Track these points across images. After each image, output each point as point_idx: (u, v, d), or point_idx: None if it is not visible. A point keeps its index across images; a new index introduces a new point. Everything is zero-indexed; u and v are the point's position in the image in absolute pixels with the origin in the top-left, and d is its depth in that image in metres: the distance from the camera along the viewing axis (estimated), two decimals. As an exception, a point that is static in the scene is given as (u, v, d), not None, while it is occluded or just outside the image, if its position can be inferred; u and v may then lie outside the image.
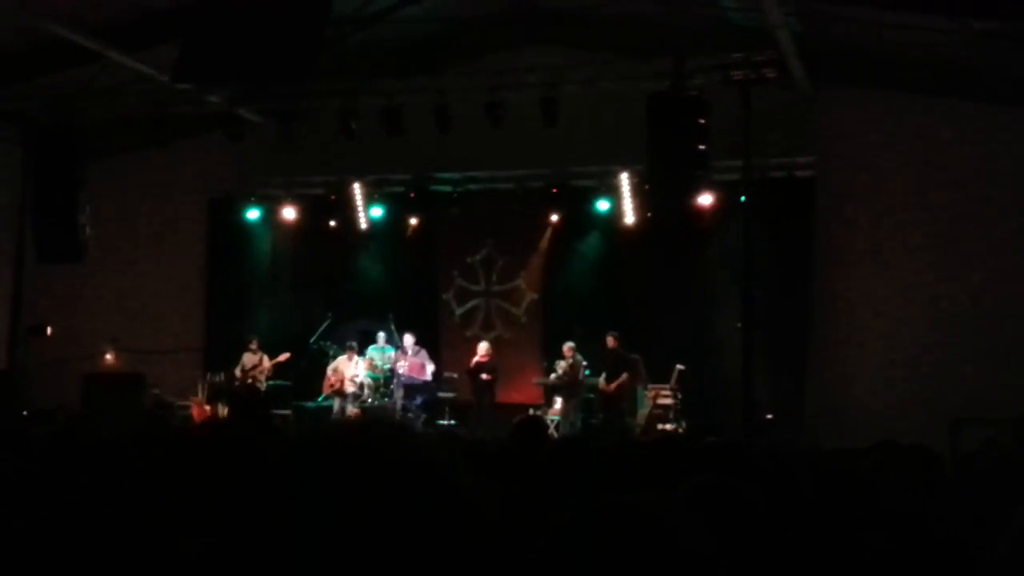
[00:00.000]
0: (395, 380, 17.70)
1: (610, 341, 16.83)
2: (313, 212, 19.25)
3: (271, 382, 18.10)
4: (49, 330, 18.20)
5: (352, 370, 17.86)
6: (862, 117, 16.62)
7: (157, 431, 5.31)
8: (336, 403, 17.68)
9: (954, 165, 16.21)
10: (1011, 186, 15.95)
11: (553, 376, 17.17)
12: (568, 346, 17.04)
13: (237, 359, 18.03)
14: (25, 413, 14.06)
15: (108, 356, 17.96)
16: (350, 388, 17.73)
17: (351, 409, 17.54)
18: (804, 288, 16.71)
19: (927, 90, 16.11)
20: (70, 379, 16.84)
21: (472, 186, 18.72)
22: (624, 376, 16.60)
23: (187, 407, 17.39)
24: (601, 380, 16.76)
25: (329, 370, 17.98)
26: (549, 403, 17.39)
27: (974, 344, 15.66)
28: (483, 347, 17.88)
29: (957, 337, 15.81)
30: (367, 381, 17.85)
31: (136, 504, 2.67)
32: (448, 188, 18.79)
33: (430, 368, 18.10)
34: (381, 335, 18.39)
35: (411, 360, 18.00)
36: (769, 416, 14.68)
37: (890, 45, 14.92)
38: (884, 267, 16.52)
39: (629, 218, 17.57)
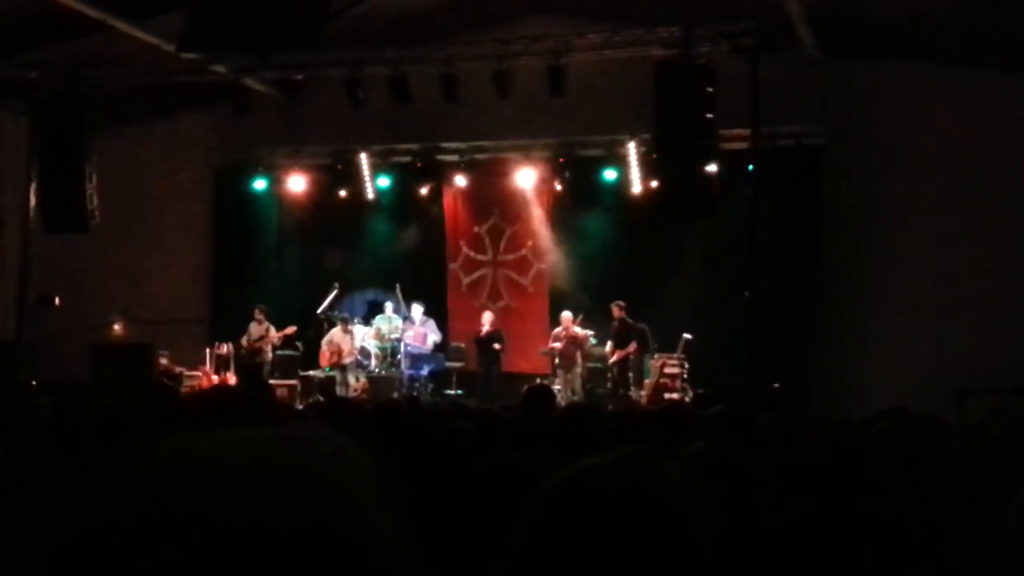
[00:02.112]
0: (401, 350, 17.71)
1: (615, 310, 16.82)
2: (320, 182, 19.24)
3: (278, 352, 18.12)
4: (57, 301, 18.23)
5: (349, 343, 17.79)
6: (872, 85, 16.50)
7: (164, 400, 5.33)
8: (337, 374, 17.67)
9: (962, 132, 16.11)
10: (1018, 154, 15.86)
11: (552, 345, 17.19)
12: (566, 315, 17.04)
13: (244, 329, 18.05)
14: (33, 383, 14.08)
15: (116, 326, 17.99)
16: (348, 359, 17.66)
17: (355, 379, 17.53)
18: (811, 257, 16.66)
19: (936, 58, 16.00)
20: (78, 350, 16.89)
21: (479, 155, 18.68)
22: (633, 345, 16.61)
23: (195, 377, 17.43)
24: (607, 347, 16.77)
25: (324, 342, 17.91)
26: (556, 372, 17.41)
27: (982, 313, 15.61)
28: (487, 317, 17.88)
29: (965, 306, 15.77)
30: (374, 351, 17.85)
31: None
32: (455, 158, 18.75)
33: (433, 338, 18.09)
34: (388, 305, 18.41)
35: (417, 329, 18.02)
36: (776, 385, 14.65)
37: (900, 12, 14.81)
38: (891, 236, 16.46)
39: (636, 187, 17.51)
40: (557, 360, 17.05)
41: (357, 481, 1.02)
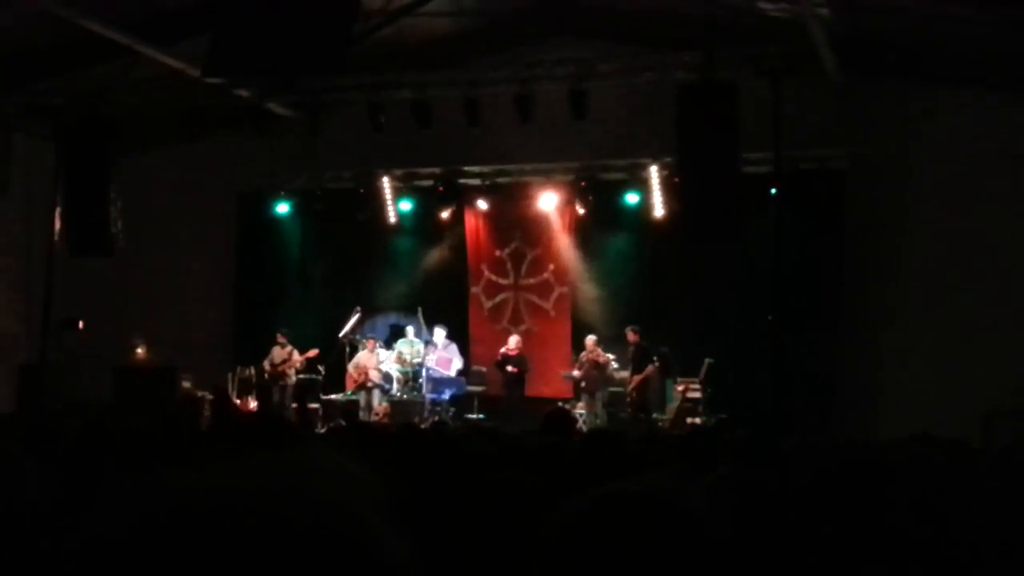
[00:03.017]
0: (423, 374, 17.71)
1: (630, 336, 16.82)
2: (342, 206, 19.30)
3: (301, 376, 18.17)
4: (81, 324, 18.32)
5: (374, 361, 17.87)
6: (895, 108, 16.46)
7: (186, 423, 5.35)
8: (362, 397, 17.70)
9: (986, 155, 16.03)
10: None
11: (574, 371, 17.18)
12: (590, 339, 17.04)
13: (266, 353, 18.10)
14: (58, 406, 14.16)
15: (139, 350, 18.06)
16: (375, 378, 17.73)
17: (378, 404, 17.57)
18: (835, 280, 16.60)
19: (960, 81, 15.96)
20: (102, 373, 16.95)
21: (501, 179, 18.72)
22: (649, 369, 16.56)
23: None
24: (627, 374, 16.77)
25: (350, 366, 17.98)
26: (578, 397, 17.39)
27: (1007, 336, 15.50)
28: (513, 340, 17.87)
29: (990, 328, 15.66)
30: (396, 375, 17.87)
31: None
32: (477, 181, 18.80)
33: (456, 363, 18.10)
34: (410, 328, 18.44)
35: (439, 354, 18.03)
36: (800, 409, 14.57)
37: (924, 36, 14.80)
38: (915, 259, 16.38)
39: (659, 211, 17.51)
40: (583, 384, 17.02)
41: (364, 504, 1.02)
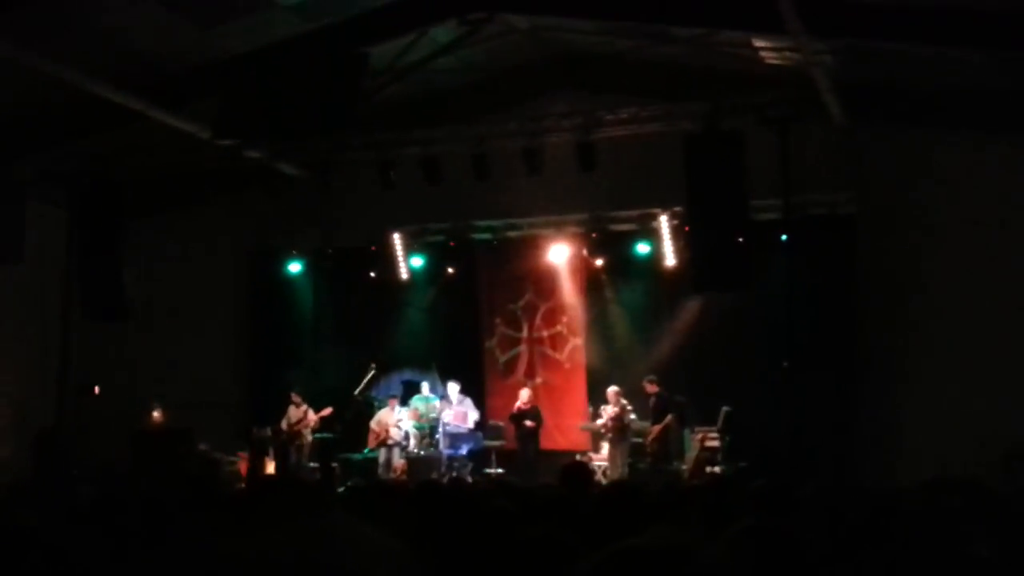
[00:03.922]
0: (440, 430, 17.68)
1: (649, 387, 16.80)
2: (354, 263, 19.38)
3: (317, 435, 18.15)
4: (96, 389, 18.35)
5: (395, 418, 17.87)
6: (903, 152, 16.46)
7: (205, 488, 5.34)
8: (382, 454, 17.68)
9: (997, 199, 16.01)
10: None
11: (599, 422, 17.12)
12: (613, 390, 17.01)
13: (282, 412, 18.10)
14: (74, 472, 14.15)
15: (155, 413, 18.05)
16: (395, 435, 17.73)
17: (397, 460, 17.54)
18: (849, 324, 16.55)
19: (968, 125, 15.98)
20: (119, 437, 16.93)
21: (511, 233, 18.78)
22: (668, 418, 16.53)
23: (234, 462, 17.45)
24: (646, 424, 16.73)
25: (373, 423, 18.02)
26: (596, 448, 17.33)
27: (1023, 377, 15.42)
28: (524, 394, 17.86)
29: (1007, 371, 15.57)
30: (413, 431, 17.85)
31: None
32: (488, 236, 18.85)
33: (473, 417, 18.08)
34: (425, 384, 18.43)
35: (456, 409, 18.00)
36: (818, 454, 14.49)
37: (929, 82, 14.86)
38: (930, 301, 16.32)
39: (670, 260, 17.53)
40: (610, 435, 16.95)
41: (388, 571, 1.03)
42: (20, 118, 16.02)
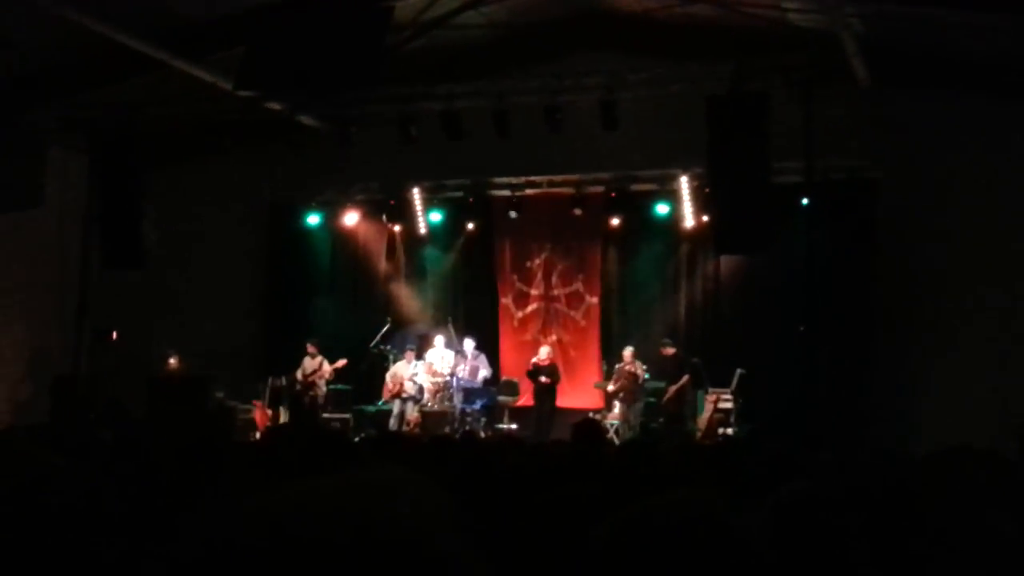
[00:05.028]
0: (454, 384, 17.73)
1: (665, 350, 16.81)
2: (372, 217, 19.39)
3: (331, 386, 18.22)
4: (115, 335, 18.44)
5: (410, 371, 17.92)
6: (928, 117, 16.32)
7: (220, 434, 5.38)
8: (396, 406, 17.74)
9: (1018, 163, 15.90)
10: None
11: (612, 380, 17.15)
12: (628, 351, 17.02)
13: (297, 363, 18.17)
14: (91, 417, 14.23)
15: (172, 360, 18.14)
16: (409, 389, 17.78)
17: (411, 413, 17.61)
18: (867, 290, 16.49)
19: (994, 90, 15.84)
20: (135, 383, 17.05)
21: (531, 191, 18.73)
22: (685, 379, 16.55)
23: (249, 411, 17.55)
24: (662, 385, 16.76)
25: (388, 376, 18.05)
26: (609, 407, 17.37)
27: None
28: (544, 351, 17.89)
29: (1025, 339, 15.52)
30: (427, 385, 17.91)
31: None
32: (507, 192, 18.81)
33: (483, 373, 18.07)
34: (440, 339, 18.45)
35: (470, 364, 18.04)
36: (832, 420, 14.48)
37: (953, 45, 14.71)
38: (949, 268, 16.25)
39: (689, 221, 17.49)
40: (620, 395, 16.99)
41: (435, 519, 1.03)
42: (42, 66, 16.03)
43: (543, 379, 17.56)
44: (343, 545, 0.96)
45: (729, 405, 16.15)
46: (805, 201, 15.02)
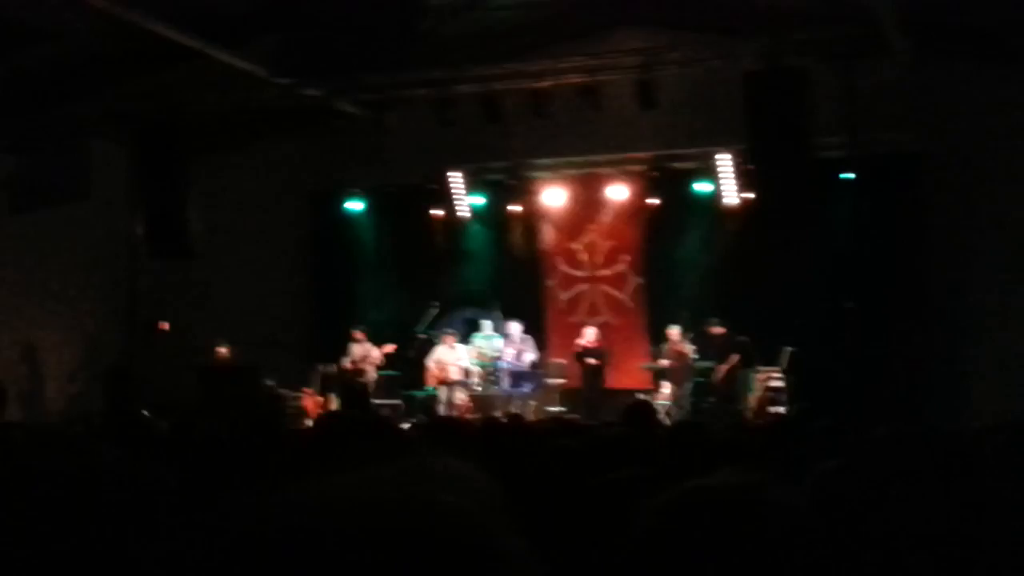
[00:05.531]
0: (502, 368, 17.75)
1: (715, 329, 16.75)
2: (414, 202, 19.42)
3: (381, 372, 18.29)
4: (164, 325, 18.61)
5: (454, 356, 17.94)
6: (971, 89, 16.10)
7: (273, 423, 5.43)
8: (443, 392, 17.77)
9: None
10: None
11: (660, 361, 17.12)
12: (674, 330, 16.97)
13: (345, 350, 18.25)
14: (145, 412, 14.39)
15: (222, 349, 18.26)
16: (454, 375, 17.81)
17: (460, 397, 17.64)
18: (915, 264, 16.33)
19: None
20: (185, 373, 17.22)
21: (572, 171, 18.70)
22: (735, 358, 16.49)
23: (298, 398, 17.65)
24: (711, 364, 16.70)
25: (430, 361, 18.04)
26: (657, 388, 17.33)
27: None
28: (591, 332, 17.86)
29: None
30: (475, 369, 17.93)
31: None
32: (548, 174, 18.79)
33: (529, 357, 18.04)
34: (487, 323, 18.47)
35: (517, 347, 18.05)
36: (884, 397, 14.38)
37: (994, 15, 14.51)
38: (999, 240, 16.05)
39: (731, 199, 17.39)
40: (669, 375, 16.94)
41: (488, 510, 1.04)
42: (81, 59, 16.15)
43: (592, 361, 17.54)
44: (391, 536, 0.97)
45: (780, 384, 16.05)
46: (849, 176, 14.89)
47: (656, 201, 18.15)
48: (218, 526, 1.05)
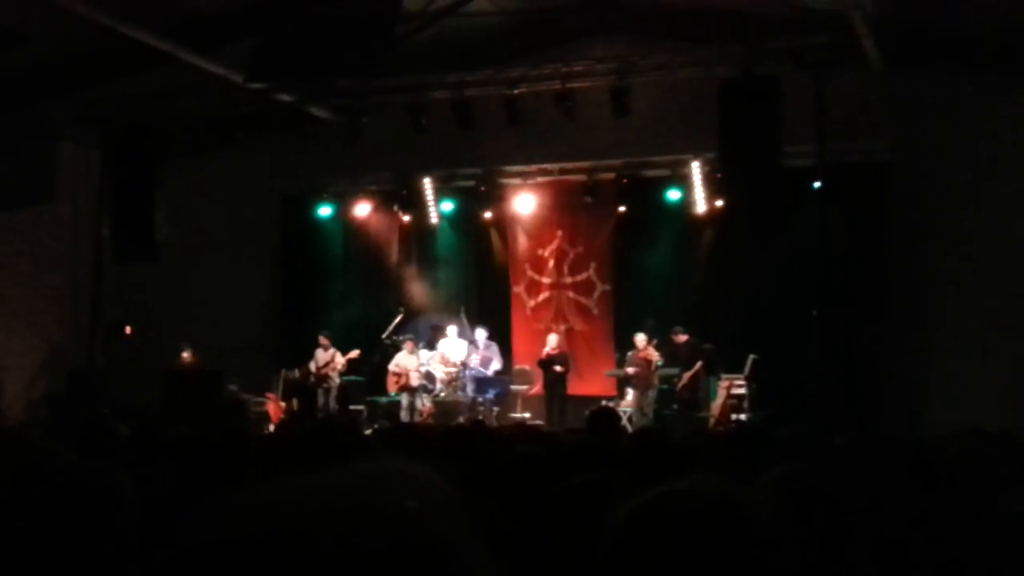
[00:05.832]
0: (466, 374, 17.75)
1: (677, 337, 16.80)
2: (384, 208, 19.40)
3: (345, 378, 18.23)
4: (128, 329, 18.48)
5: (415, 362, 17.90)
6: (942, 99, 16.19)
7: (234, 427, 5.40)
8: (404, 398, 17.72)
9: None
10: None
11: (626, 368, 17.14)
12: (640, 337, 17.00)
13: (310, 355, 18.19)
14: (106, 411, 14.28)
15: (185, 354, 18.17)
16: (415, 381, 17.77)
17: (422, 403, 17.60)
18: (880, 274, 16.43)
19: (1006, 71, 15.74)
20: (149, 377, 17.11)
21: (542, 178, 18.72)
22: (698, 365, 16.54)
23: (262, 403, 17.58)
24: (675, 371, 16.74)
25: (391, 366, 18.00)
26: (622, 395, 17.36)
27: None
28: (553, 339, 17.88)
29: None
30: (440, 375, 17.91)
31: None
32: (518, 180, 18.81)
33: (495, 365, 18.05)
34: (453, 329, 18.46)
35: (482, 354, 18.05)
36: (846, 404, 14.44)
37: (967, 25, 14.62)
38: (964, 250, 16.15)
39: (701, 207, 17.45)
40: (634, 382, 16.97)
41: (445, 513, 1.04)
42: (52, 60, 16.04)
43: (558, 368, 17.56)
44: (346, 538, 0.96)
45: (742, 391, 16.13)
46: (817, 184, 14.96)
47: (625, 208, 18.18)
48: (177, 529, 1.04)
